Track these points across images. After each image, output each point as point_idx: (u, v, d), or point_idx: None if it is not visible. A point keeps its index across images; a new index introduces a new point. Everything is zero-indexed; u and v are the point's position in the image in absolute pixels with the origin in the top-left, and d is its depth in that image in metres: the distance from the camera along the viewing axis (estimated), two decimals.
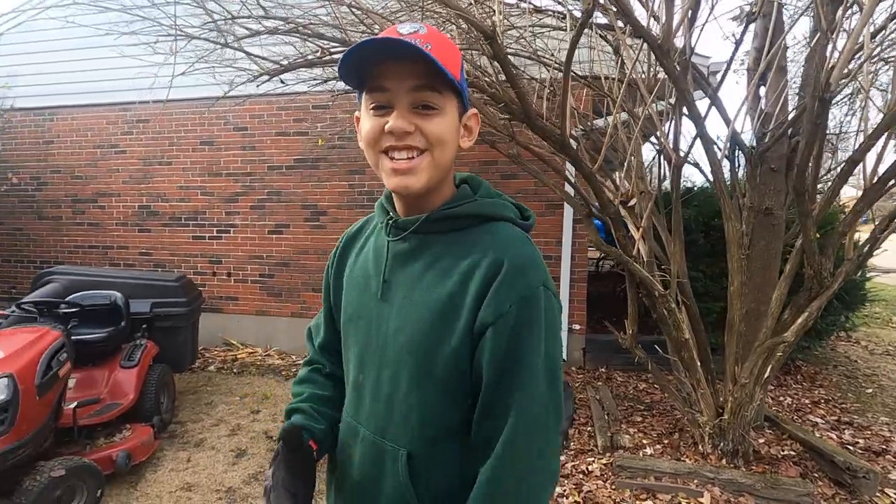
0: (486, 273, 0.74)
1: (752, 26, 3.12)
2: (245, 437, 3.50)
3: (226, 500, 2.72)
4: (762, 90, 3.12)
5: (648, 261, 2.68)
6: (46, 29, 5.76)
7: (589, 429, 3.48)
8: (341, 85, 3.37)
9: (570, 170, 3.62)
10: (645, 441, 3.14)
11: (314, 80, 3.00)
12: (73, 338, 2.93)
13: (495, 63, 2.12)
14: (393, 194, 0.85)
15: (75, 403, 2.77)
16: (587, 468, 2.94)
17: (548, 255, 4.73)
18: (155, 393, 3.43)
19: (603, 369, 4.70)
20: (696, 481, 2.67)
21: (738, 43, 2.24)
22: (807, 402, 4.05)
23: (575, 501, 2.63)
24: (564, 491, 2.72)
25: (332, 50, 2.56)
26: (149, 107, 5.62)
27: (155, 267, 5.71)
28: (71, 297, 3.49)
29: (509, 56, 2.55)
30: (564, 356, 4.66)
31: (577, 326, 4.69)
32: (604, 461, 2.98)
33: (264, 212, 5.40)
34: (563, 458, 3.10)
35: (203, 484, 2.88)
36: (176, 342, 3.99)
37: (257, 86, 2.44)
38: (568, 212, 4.63)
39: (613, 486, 2.72)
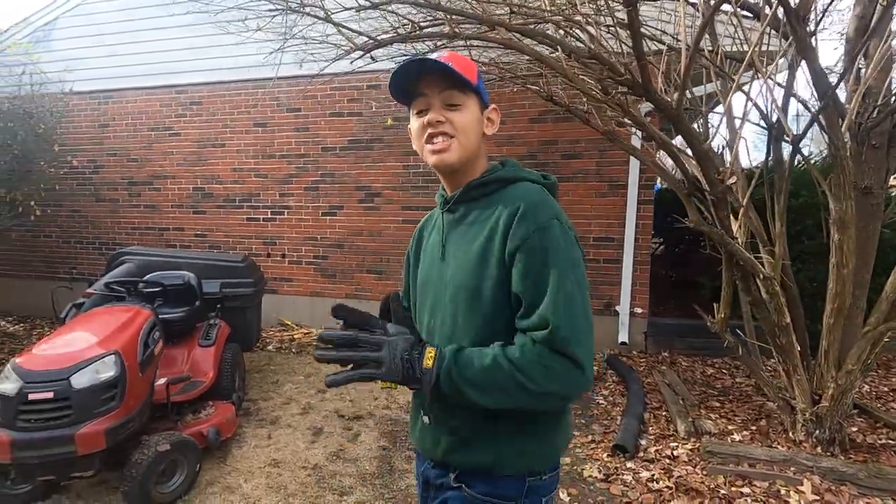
0: (508, 215, 0.96)
1: None
2: (318, 416, 3.54)
3: (315, 477, 2.76)
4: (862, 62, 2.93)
5: (746, 242, 2.57)
6: (102, 12, 5.82)
7: (664, 413, 3.42)
8: None
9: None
10: (730, 427, 3.07)
11: (404, 55, 2.92)
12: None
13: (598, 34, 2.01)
14: (442, 182, 1.11)
15: (165, 380, 2.83)
16: (672, 453, 2.89)
17: (609, 237, 4.64)
18: (231, 371, 3.49)
19: (666, 353, 4.61)
20: (792, 469, 2.59)
21: (887, 6, 2.09)
22: (885, 389, 3.90)
23: (666, 486, 2.59)
24: (653, 475, 2.68)
25: (423, 24, 2.48)
26: (202, 89, 5.65)
27: (210, 248, 5.79)
28: (147, 277, 3.55)
29: (607, 27, 2.44)
30: (626, 339, 4.59)
31: (639, 310, 4.60)
32: (689, 446, 2.92)
33: (318, 193, 5.41)
34: (643, 441, 3.07)
35: (289, 460, 2.93)
36: (244, 322, 4.05)
37: (351, 62, 2.39)
38: (632, 192, 4.50)
39: (705, 472, 2.67)
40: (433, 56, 1.00)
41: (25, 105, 5.13)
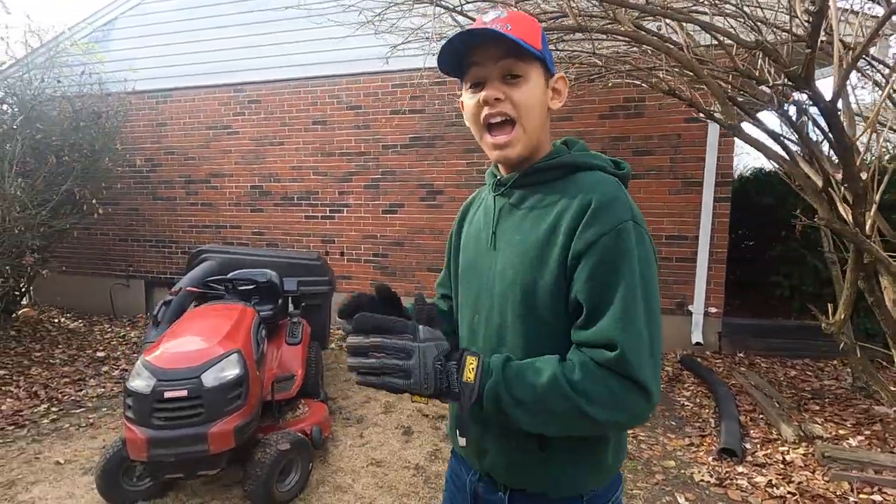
0: (576, 210, 0.83)
1: None
2: (402, 415, 3.52)
3: (420, 478, 2.73)
4: None
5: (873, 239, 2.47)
6: (160, 11, 5.87)
7: (761, 416, 3.32)
8: None
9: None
10: (842, 431, 2.97)
11: None
12: None
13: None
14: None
15: (267, 377, 2.81)
16: (784, 458, 2.80)
17: (682, 235, 4.54)
18: (315, 369, 3.49)
19: (741, 354, 4.50)
20: None
21: None
22: None
23: (789, 492, 2.51)
24: (770, 480, 2.60)
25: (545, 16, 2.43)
26: (260, 88, 5.67)
27: (267, 246, 5.81)
28: (233, 275, 3.55)
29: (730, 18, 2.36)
30: (701, 340, 4.50)
31: (713, 310, 4.50)
32: (801, 451, 2.83)
33: (378, 191, 5.39)
34: (747, 445, 2.98)
35: (389, 460, 2.91)
36: (320, 319, 4.05)
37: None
38: (708, 189, 4.40)
39: (827, 479, 2.58)
40: (491, 14, 0.88)
41: (94, 105, 5.19)
